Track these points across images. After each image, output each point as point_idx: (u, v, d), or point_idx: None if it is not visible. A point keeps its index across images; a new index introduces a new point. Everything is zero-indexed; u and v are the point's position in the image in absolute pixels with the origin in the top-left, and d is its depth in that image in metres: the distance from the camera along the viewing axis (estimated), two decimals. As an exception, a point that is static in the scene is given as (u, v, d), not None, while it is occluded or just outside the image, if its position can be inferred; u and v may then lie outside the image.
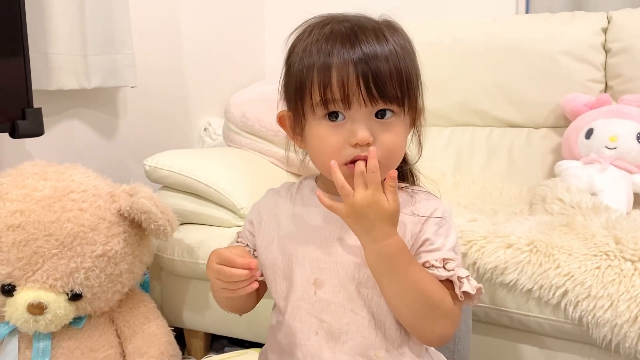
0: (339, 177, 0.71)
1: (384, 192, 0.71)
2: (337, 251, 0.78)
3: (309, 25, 0.77)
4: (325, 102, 0.72)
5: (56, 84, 1.49)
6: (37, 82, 1.42)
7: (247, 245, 0.88)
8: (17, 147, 1.49)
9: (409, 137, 0.81)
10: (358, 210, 0.70)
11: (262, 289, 0.86)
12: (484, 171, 1.80)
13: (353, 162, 0.73)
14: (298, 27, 0.79)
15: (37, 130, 1.32)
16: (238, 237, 0.90)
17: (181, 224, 1.43)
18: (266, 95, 1.77)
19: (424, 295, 0.73)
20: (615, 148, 1.53)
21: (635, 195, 1.49)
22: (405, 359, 0.78)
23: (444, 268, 0.75)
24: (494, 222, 1.24)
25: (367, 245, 0.73)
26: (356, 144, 0.72)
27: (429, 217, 0.78)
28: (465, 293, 0.75)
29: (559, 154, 1.69)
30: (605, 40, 1.76)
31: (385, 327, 0.77)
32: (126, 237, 1.22)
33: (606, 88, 1.77)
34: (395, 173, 0.71)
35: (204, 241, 1.45)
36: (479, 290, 0.76)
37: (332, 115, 0.74)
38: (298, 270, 0.79)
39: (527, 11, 2.09)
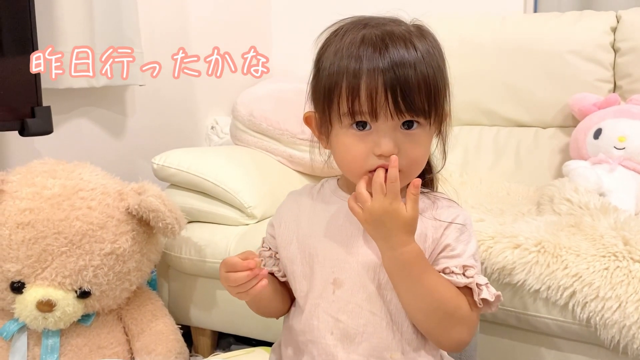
0: (360, 184, 0.73)
1: (404, 199, 0.72)
2: (359, 252, 0.79)
3: (342, 29, 0.77)
4: (352, 113, 0.73)
5: (66, 83, 1.50)
6: (47, 80, 1.42)
7: (270, 248, 0.90)
8: (27, 145, 1.50)
9: (434, 143, 0.82)
10: (375, 217, 0.71)
11: (289, 289, 0.87)
12: (491, 171, 1.80)
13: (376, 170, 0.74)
14: (329, 27, 0.79)
15: (46, 129, 1.33)
16: (263, 242, 0.92)
17: (189, 222, 1.43)
18: (274, 94, 1.77)
19: (439, 302, 0.74)
20: (624, 148, 1.52)
21: (644, 195, 1.48)
22: None
23: (464, 275, 0.76)
24: (502, 222, 1.24)
25: (384, 252, 0.74)
26: (380, 154, 0.73)
27: (451, 222, 0.78)
28: (483, 300, 0.76)
29: (567, 154, 1.68)
30: (614, 40, 1.75)
31: (403, 330, 0.78)
32: (134, 235, 1.22)
33: (615, 88, 1.76)
34: (419, 182, 0.72)
35: (211, 239, 1.45)
36: (497, 297, 0.77)
37: (359, 125, 0.74)
38: (318, 268, 0.80)
39: (535, 10, 2.08)
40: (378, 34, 0.73)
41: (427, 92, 0.73)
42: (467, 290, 0.77)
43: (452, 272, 0.76)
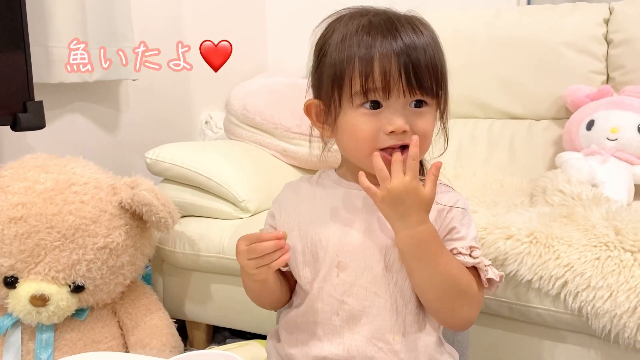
0: (379, 161, 0.73)
1: (422, 179, 0.73)
2: (363, 234, 0.79)
3: (342, 16, 0.79)
4: (365, 91, 0.75)
5: (58, 77, 1.49)
6: (39, 75, 1.42)
7: None
8: (19, 140, 1.49)
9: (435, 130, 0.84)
10: (395, 195, 0.72)
11: (292, 281, 0.87)
12: (485, 163, 1.80)
13: (385, 150, 0.75)
14: (327, 18, 0.81)
15: (38, 123, 1.33)
16: None
17: (182, 217, 1.43)
18: (267, 88, 1.77)
19: (453, 280, 0.76)
20: (616, 139, 1.52)
21: (636, 186, 1.48)
22: (420, 344, 0.79)
23: (470, 256, 0.78)
24: (494, 214, 1.24)
25: (401, 231, 0.75)
26: (392, 132, 0.74)
27: (452, 207, 0.80)
28: (488, 280, 0.79)
29: (560, 146, 1.69)
30: (607, 32, 1.76)
31: (406, 312, 0.79)
32: (128, 229, 1.22)
33: (608, 79, 1.77)
34: (440, 164, 0.74)
35: (205, 233, 1.46)
36: (501, 277, 0.80)
37: (372, 104, 0.76)
38: (322, 253, 0.81)
39: (528, 2, 2.08)
40: (385, 19, 0.76)
41: (435, 72, 0.76)
42: (473, 270, 0.79)
43: (460, 252, 0.79)
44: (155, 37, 1.85)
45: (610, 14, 1.76)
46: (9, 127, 1.30)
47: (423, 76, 0.74)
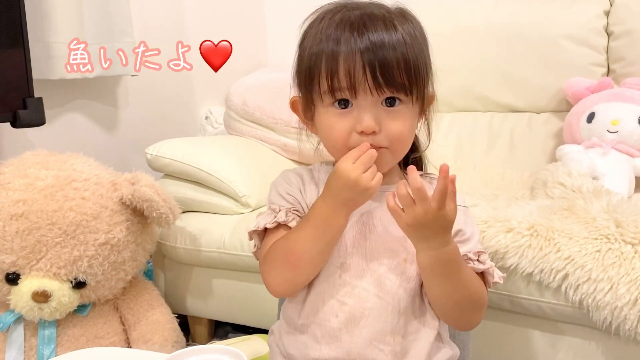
0: (400, 187, 0.70)
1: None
2: (366, 236, 0.79)
3: (322, 12, 0.78)
4: (332, 90, 0.74)
5: (58, 74, 1.49)
6: (39, 71, 1.42)
7: (295, 209, 0.83)
8: (19, 136, 1.49)
9: (419, 124, 0.82)
10: (422, 223, 0.70)
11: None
12: (485, 156, 1.80)
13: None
14: (312, 13, 0.80)
15: (38, 120, 1.33)
16: (287, 213, 0.81)
17: (183, 212, 1.44)
18: (267, 83, 1.77)
19: (469, 292, 0.77)
20: (617, 132, 1.52)
21: (637, 179, 1.48)
22: (421, 344, 0.79)
23: (478, 261, 0.79)
24: (495, 207, 1.24)
25: (423, 251, 0.74)
26: (362, 131, 0.73)
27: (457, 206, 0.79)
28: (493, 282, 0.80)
29: (560, 139, 1.68)
30: (608, 24, 1.75)
31: (407, 314, 0.79)
32: (129, 225, 1.23)
33: (608, 71, 1.76)
34: (455, 177, 0.70)
35: (206, 229, 1.46)
36: (500, 278, 0.81)
37: (341, 103, 0.75)
38: None
39: (528, -5, 2.07)
40: (357, 15, 0.74)
41: (407, 68, 0.73)
42: (481, 275, 0.80)
43: (469, 259, 0.79)
44: (155, 33, 1.85)
45: (611, 5, 1.75)
46: (9, 124, 1.30)
47: (392, 73, 0.72)
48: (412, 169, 0.70)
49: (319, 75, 0.75)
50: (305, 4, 0.84)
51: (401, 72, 0.73)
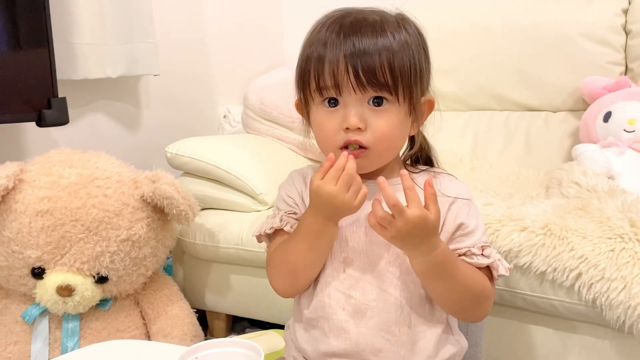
0: (376, 206, 0.73)
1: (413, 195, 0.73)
2: (367, 230, 0.81)
3: (322, 18, 0.82)
4: (319, 88, 0.78)
5: (81, 74, 1.53)
6: (63, 72, 1.45)
7: (295, 213, 0.88)
8: (44, 136, 1.53)
9: (425, 124, 0.85)
10: (403, 233, 0.73)
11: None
12: (501, 155, 1.80)
13: (345, 146, 0.77)
14: (317, 20, 0.83)
15: (62, 119, 1.36)
16: (281, 219, 0.87)
17: (202, 209, 1.46)
18: (284, 82, 1.78)
19: (469, 288, 0.78)
20: (633, 131, 1.51)
21: (654, 178, 1.48)
22: (428, 334, 0.81)
23: (483, 255, 0.80)
24: (509, 206, 1.25)
25: (414, 258, 0.76)
26: (347, 127, 0.77)
27: (457, 198, 0.82)
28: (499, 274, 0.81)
29: (576, 138, 1.68)
30: (626, 22, 1.74)
31: (412, 304, 0.81)
32: (149, 222, 1.25)
33: (626, 70, 1.75)
34: (431, 180, 0.74)
35: (224, 225, 1.48)
36: (507, 270, 0.82)
37: (330, 102, 0.78)
38: None
39: (546, -7, 2.06)
40: (348, 21, 0.78)
41: (391, 69, 0.75)
42: (486, 268, 0.81)
43: (473, 254, 0.80)
44: (175, 33, 1.89)
45: (629, 4, 1.74)
46: (34, 123, 1.34)
47: (375, 73, 0.75)
48: (403, 175, 0.73)
49: (309, 76, 0.79)
50: (321, 4, 0.86)
51: (384, 72, 0.75)
